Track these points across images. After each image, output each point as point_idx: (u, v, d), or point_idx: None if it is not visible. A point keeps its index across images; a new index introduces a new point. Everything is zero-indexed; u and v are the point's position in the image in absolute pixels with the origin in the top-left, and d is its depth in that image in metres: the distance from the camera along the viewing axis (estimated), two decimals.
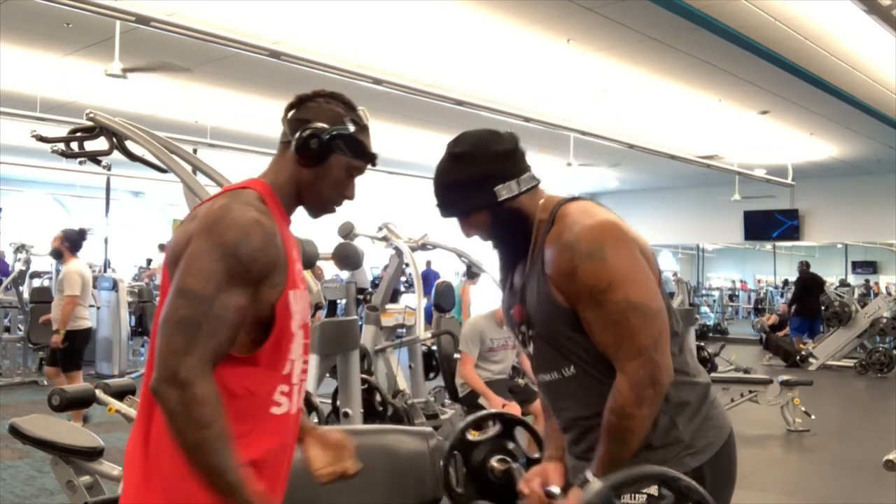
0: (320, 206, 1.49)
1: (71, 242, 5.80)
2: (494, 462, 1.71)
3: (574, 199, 1.57)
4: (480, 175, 1.55)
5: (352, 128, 1.44)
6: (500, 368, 4.68)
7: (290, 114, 1.47)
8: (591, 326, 1.46)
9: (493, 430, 1.75)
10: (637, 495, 1.44)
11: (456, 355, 4.76)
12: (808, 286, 11.39)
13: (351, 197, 1.51)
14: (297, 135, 1.41)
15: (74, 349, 5.70)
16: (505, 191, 1.54)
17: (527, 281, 1.57)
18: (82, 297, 5.68)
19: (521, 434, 1.82)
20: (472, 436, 1.73)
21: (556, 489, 1.57)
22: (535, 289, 1.53)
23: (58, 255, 5.96)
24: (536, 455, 1.81)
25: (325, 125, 1.42)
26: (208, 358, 1.26)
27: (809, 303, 11.05)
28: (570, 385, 1.54)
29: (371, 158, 1.49)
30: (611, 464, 1.41)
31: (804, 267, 12.06)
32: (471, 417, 1.77)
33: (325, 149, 1.41)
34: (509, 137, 1.59)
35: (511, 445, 1.75)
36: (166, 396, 1.23)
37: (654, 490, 1.44)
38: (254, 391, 1.35)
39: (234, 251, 1.28)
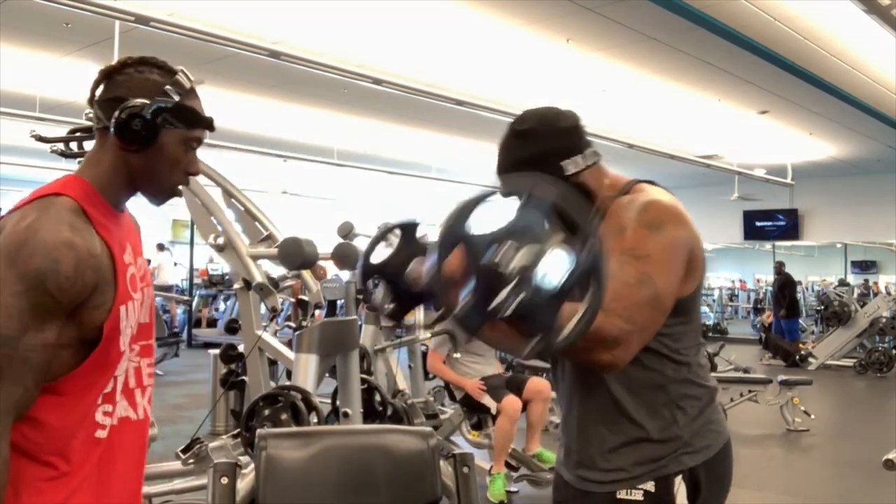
0: (162, 192, 1.29)
1: None
2: (409, 271, 1.58)
3: (649, 181, 1.57)
4: (547, 151, 1.54)
5: (176, 96, 1.23)
6: (487, 358, 4.75)
7: (98, 93, 1.25)
8: None
9: (395, 242, 1.65)
10: (633, 491, 1.44)
11: (456, 355, 4.78)
12: (791, 286, 11.53)
13: (196, 172, 1.31)
14: (115, 118, 1.19)
15: None
16: (572, 165, 1.53)
17: None
18: None
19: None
20: (375, 259, 1.64)
21: None
22: None
23: None
24: None
25: (144, 100, 1.21)
26: (9, 409, 1.09)
27: (794, 303, 11.20)
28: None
29: (208, 123, 1.28)
30: None
31: (782, 267, 12.16)
32: (371, 240, 1.68)
33: (151, 127, 1.20)
34: (571, 114, 1.58)
35: (414, 248, 1.62)
36: None
37: (650, 486, 1.44)
38: (72, 418, 1.19)
39: (40, 282, 1.11)
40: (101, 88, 1.26)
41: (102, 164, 1.25)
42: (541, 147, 1.54)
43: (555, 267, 1.08)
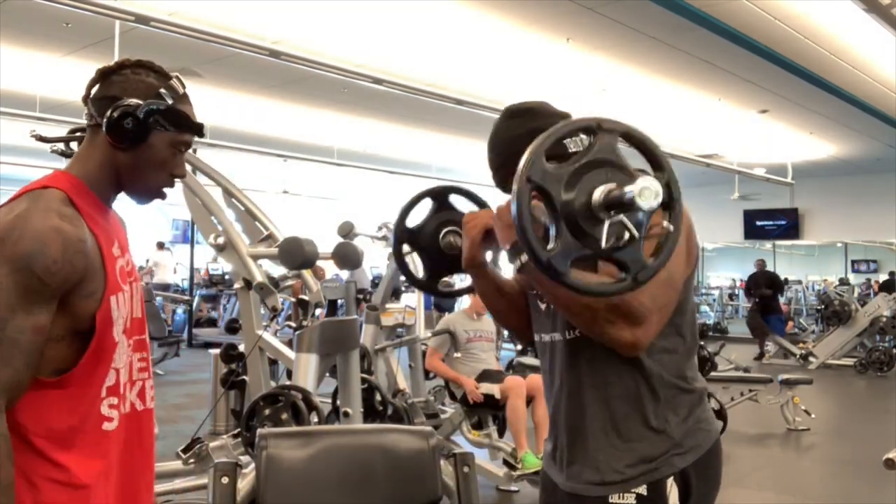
0: (146, 192, 1.33)
1: None
2: (443, 238, 1.62)
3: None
4: (546, 126, 1.54)
5: (169, 99, 1.28)
6: (486, 358, 4.76)
7: (93, 91, 1.29)
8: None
9: (429, 209, 1.67)
10: (626, 494, 1.43)
11: (456, 354, 4.79)
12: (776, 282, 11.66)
13: (181, 175, 1.34)
14: (108, 115, 1.23)
15: None
16: (573, 144, 1.49)
17: None
18: None
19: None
20: (409, 223, 1.66)
21: None
22: None
23: None
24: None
25: (138, 100, 1.24)
26: (2, 391, 1.11)
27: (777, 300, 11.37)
28: (582, 349, 1.49)
29: (197, 129, 1.33)
30: None
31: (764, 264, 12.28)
32: (402, 209, 1.68)
33: (142, 127, 1.24)
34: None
35: (453, 215, 1.65)
36: None
37: (642, 490, 1.43)
38: (77, 412, 1.21)
39: (27, 265, 1.13)
40: (96, 87, 1.29)
41: (91, 161, 1.28)
42: (540, 123, 1.51)
43: (644, 193, 1.10)
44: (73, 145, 3.11)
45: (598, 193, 1.13)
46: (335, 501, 1.65)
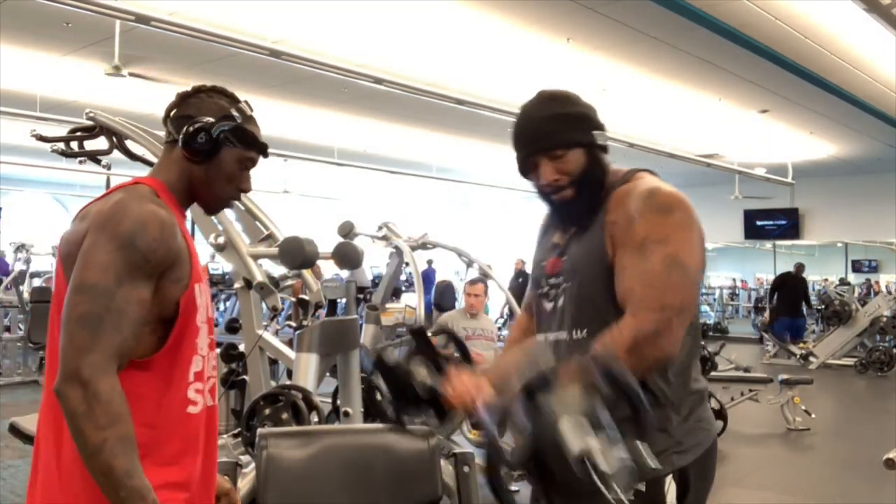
0: (216, 202, 1.47)
1: None
2: (418, 378, 1.59)
3: (648, 170, 1.57)
4: (581, 114, 1.53)
5: (239, 119, 1.41)
6: (487, 357, 4.77)
7: (172, 112, 1.43)
8: (624, 273, 1.40)
9: (410, 347, 1.65)
10: None
11: (456, 354, 4.78)
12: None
13: (247, 189, 1.47)
14: (185, 131, 1.37)
15: None
16: (601, 138, 1.52)
17: (574, 235, 1.54)
18: None
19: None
20: (390, 360, 1.63)
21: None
22: (587, 239, 1.49)
23: None
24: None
25: (210, 119, 1.38)
26: (112, 354, 1.21)
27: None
28: (587, 349, 1.48)
29: (262, 148, 1.45)
30: None
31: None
32: (385, 345, 1.68)
33: (214, 143, 1.37)
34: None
35: (429, 359, 1.62)
36: (68, 396, 1.17)
37: (641, 486, 1.41)
38: (166, 393, 1.30)
39: (130, 242, 1.24)
40: (174, 109, 1.43)
41: (170, 172, 1.41)
42: (578, 109, 1.53)
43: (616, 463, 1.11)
44: (74, 145, 3.10)
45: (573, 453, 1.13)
46: (335, 501, 1.65)
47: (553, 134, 1.51)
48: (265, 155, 1.46)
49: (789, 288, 11.06)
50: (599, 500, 1.08)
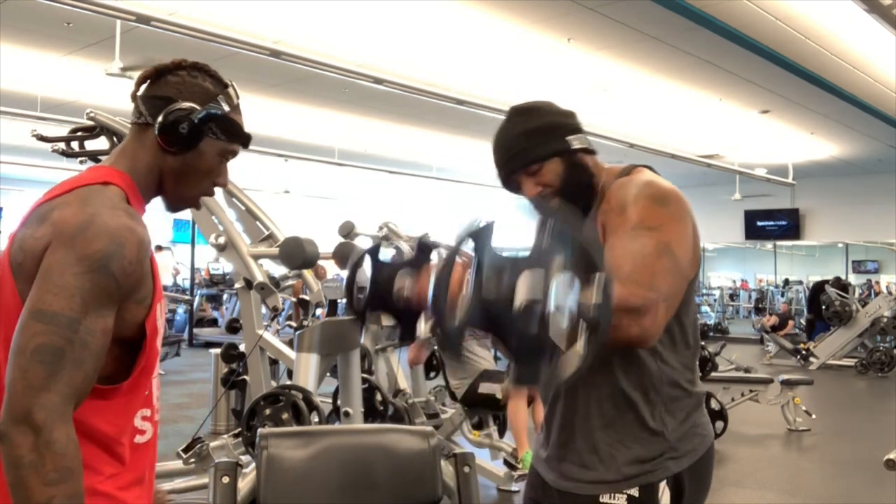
0: (186, 199, 1.29)
1: None
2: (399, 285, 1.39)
3: (647, 166, 1.56)
4: (551, 124, 1.52)
5: (226, 107, 1.24)
6: (481, 352, 4.77)
7: (143, 88, 1.24)
8: (612, 251, 1.32)
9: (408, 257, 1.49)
10: (617, 495, 1.41)
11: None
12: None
13: (224, 184, 1.30)
14: (163, 117, 1.19)
15: None
16: (577, 141, 1.51)
17: None
18: None
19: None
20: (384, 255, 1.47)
21: None
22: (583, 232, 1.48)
23: None
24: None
25: (194, 105, 1.21)
26: (70, 395, 1.04)
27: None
28: None
29: (246, 140, 1.29)
30: None
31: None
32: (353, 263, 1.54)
33: (196, 133, 1.20)
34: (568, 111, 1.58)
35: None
36: (15, 441, 1.00)
37: (634, 492, 1.41)
38: (118, 424, 1.16)
39: (103, 265, 1.07)
40: (146, 84, 1.24)
41: (139, 161, 1.23)
42: (547, 120, 1.53)
43: (562, 296, 0.99)
44: (74, 145, 3.10)
45: (519, 301, 1.01)
46: (335, 501, 1.65)
47: (525, 151, 1.51)
48: (246, 146, 1.31)
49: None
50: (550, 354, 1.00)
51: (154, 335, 1.19)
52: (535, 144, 1.50)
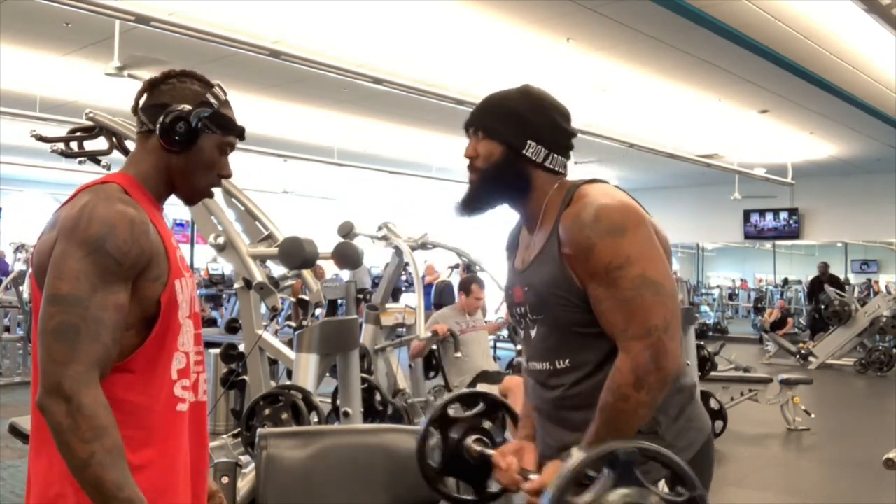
0: (197, 192, 1.42)
1: None
2: (471, 441, 1.61)
3: (593, 180, 1.53)
4: (528, 121, 1.49)
5: (215, 103, 1.37)
6: (479, 350, 4.77)
7: (142, 101, 1.38)
8: (601, 305, 1.40)
9: (476, 409, 1.65)
10: None
11: (457, 354, 4.79)
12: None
13: (228, 175, 1.44)
14: (161, 120, 1.32)
15: None
16: (532, 151, 1.48)
17: (534, 261, 1.52)
18: None
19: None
20: (453, 413, 1.64)
21: (531, 471, 1.49)
22: (546, 270, 1.47)
23: None
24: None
25: (187, 106, 1.34)
26: (93, 365, 1.18)
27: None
28: (561, 378, 1.50)
29: (240, 132, 1.43)
30: (599, 444, 1.29)
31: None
32: (455, 393, 1.68)
33: (192, 130, 1.34)
34: (574, 129, 1.57)
35: (488, 426, 1.65)
36: (51, 410, 1.15)
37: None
38: (152, 394, 1.28)
39: (100, 246, 1.20)
40: (144, 97, 1.38)
41: (144, 163, 1.36)
42: (528, 114, 1.50)
43: None
44: (74, 145, 3.10)
45: None
46: (335, 501, 1.65)
47: (486, 115, 1.53)
48: (242, 137, 1.44)
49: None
50: None
51: (171, 308, 1.29)
52: (497, 117, 1.51)
